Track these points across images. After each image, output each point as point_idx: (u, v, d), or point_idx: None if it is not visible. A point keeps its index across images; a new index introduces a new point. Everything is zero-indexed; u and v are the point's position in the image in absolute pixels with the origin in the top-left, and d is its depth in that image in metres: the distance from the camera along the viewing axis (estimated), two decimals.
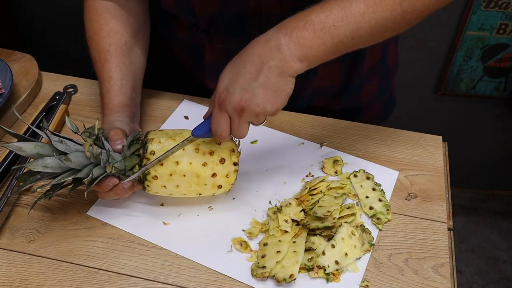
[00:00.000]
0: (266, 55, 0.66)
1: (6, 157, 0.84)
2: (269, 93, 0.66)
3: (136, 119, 0.84)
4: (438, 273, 0.73)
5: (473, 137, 1.89)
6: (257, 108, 0.66)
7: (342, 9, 0.66)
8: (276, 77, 0.66)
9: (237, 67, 0.67)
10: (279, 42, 0.65)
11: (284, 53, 0.65)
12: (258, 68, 0.66)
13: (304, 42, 0.65)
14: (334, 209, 0.76)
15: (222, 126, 0.68)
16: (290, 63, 0.66)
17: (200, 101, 0.98)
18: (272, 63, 0.65)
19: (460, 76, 1.72)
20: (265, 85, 0.66)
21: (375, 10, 0.66)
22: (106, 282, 0.71)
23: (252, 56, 0.66)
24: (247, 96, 0.65)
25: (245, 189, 0.83)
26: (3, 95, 0.92)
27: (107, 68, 0.83)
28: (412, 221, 0.80)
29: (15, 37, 1.91)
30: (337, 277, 0.72)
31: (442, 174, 0.87)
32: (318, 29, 0.65)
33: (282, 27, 0.67)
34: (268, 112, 0.67)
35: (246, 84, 0.66)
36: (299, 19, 0.66)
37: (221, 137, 0.69)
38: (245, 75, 0.66)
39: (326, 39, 0.66)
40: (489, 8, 1.54)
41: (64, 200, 0.81)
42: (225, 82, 0.67)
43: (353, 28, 0.66)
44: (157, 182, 0.73)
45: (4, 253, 0.75)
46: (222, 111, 0.67)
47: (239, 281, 0.71)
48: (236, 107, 0.66)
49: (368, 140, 0.92)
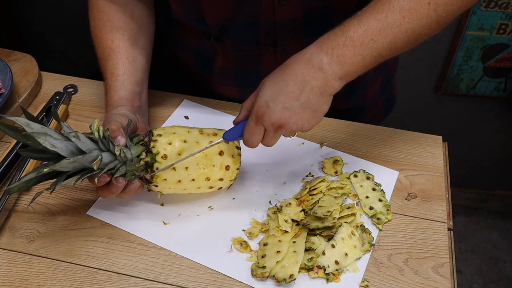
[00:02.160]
0: (309, 75, 0.67)
1: (6, 157, 0.84)
2: (308, 112, 0.68)
3: (142, 112, 0.83)
4: (438, 273, 0.73)
5: (473, 137, 1.89)
6: (294, 127, 0.68)
7: (379, 22, 0.66)
8: (317, 97, 0.67)
9: (279, 83, 0.68)
10: (321, 61, 0.66)
11: (326, 72, 0.66)
12: (301, 87, 0.67)
13: (345, 59, 0.66)
14: (334, 209, 0.76)
15: (256, 137, 0.70)
16: (331, 82, 0.67)
17: (200, 101, 0.98)
18: (315, 83, 0.67)
19: (460, 76, 1.72)
20: (306, 104, 0.67)
21: (411, 20, 0.67)
22: (106, 282, 0.71)
23: (295, 74, 0.67)
24: (287, 114, 0.67)
25: (245, 189, 0.83)
26: (3, 95, 0.92)
27: (109, 65, 0.83)
28: (412, 221, 0.80)
29: (15, 37, 1.91)
30: (337, 277, 0.72)
31: (442, 174, 0.87)
32: (357, 45, 0.66)
33: (323, 45, 0.67)
34: (304, 130, 0.69)
35: (287, 103, 0.67)
36: (338, 36, 0.67)
37: (252, 146, 0.71)
38: (287, 94, 0.67)
39: (366, 54, 0.67)
40: (489, 8, 1.54)
41: (64, 200, 0.81)
42: (266, 97, 0.68)
43: (390, 40, 0.67)
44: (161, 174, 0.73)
45: (4, 253, 0.75)
46: (259, 125, 0.69)
47: (239, 281, 0.71)
48: (275, 124, 0.68)
49: (368, 140, 0.92)
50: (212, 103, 0.98)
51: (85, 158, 0.66)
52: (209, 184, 0.75)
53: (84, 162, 0.67)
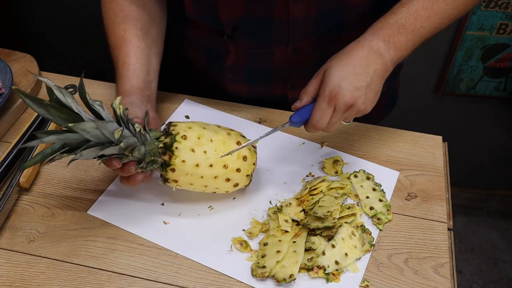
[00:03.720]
0: (372, 59, 0.73)
1: (6, 157, 0.84)
2: (372, 94, 0.74)
3: (151, 101, 0.84)
4: (438, 273, 0.73)
5: (473, 137, 1.89)
6: (362, 106, 0.73)
7: (426, 10, 0.75)
8: (379, 80, 0.74)
9: (347, 66, 0.73)
10: (380, 48, 0.74)
11: (385, 58, 0.74)
12: (367, 70, 0.73)
13: (400, 46, 0.74)
14: (334, 209, 0.76)
15: (326, 117, 0.73)
16: (389, 66, 0.75)
17: (201, 100, 0.98)
18: (377, 67, 0.73)
19: (460, 76, 1.72)
20: (371, 86, 0.73)
21: (453, 7, 0.77)
22: (106, 282, 0.71)
23: (360, 58, 0.73)
24: (358, 94, 0.72)
25: (246, 189, 0.83)
26: (3, 95, 0.92)
27: (121, 53, 0.84)
28: (412, 221, 0.80)
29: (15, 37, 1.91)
30: (337, 277, 0.72)
31: (442, 174, 0.87)
32: (409, 32, 0.74)
33: (379, 33, 0.74)
34: (367, 110, 0.75)
35: (357, 83, 0.72)
36: (392, 24, 0.75)
37: (319, 128, 0.74)
38: (356, 75, 0.72)
39: (416, 39, 0.75)
40: (489, 8, 1.54)
41: (64, 200, 0.81)
42: (336, 79, 0.72)
43: (436, 25, 0.76)
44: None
45: (4, 253, 0.75)
46: (331, 104, 0.73)
47: (239, 281, 0.71)
48: (347, 103, 0.72)
49: (368, 140, 0.92)
50: (212, 103, 0.98)
51: (107, 125, 0.67)
52: (226, 175, 0.74)
53: (106, 130, 0.66)
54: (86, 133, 0.66)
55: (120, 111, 0.69)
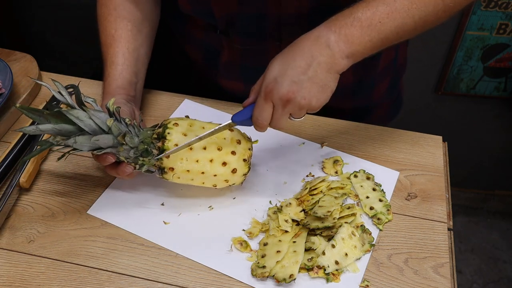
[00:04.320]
0: (317, 51, 0.68)
1: (6, 157, 0.84)
2: (316, 87, 0.68)
3: (136, 102, 0.86)
4: (438, 273, 0.73)
5: (473, 137, 1.89)
6: (303, 101, 0.68)
7: (387, 6, 0.69)
8: (324, 73, 0.68)
9: (287, 60, 0.69)
10: (329, 39, 0.68)
11: (334, 50, 0.68)
12: (308, 62, 0.68)
13: (352, 39, 0.68)
14: (334, 209, 0.76)
15: (265, 115, 0.70)
16: (338, 59, 0.69)
17: (201, 101, 0.98)
18: (322, 59, 0.68)
19: (460, 76, 1.72)
20: (313, 79, 0.68)
21: (419, 6, 0.70)
22: (106, 282, 0.71)
23: (302, 50, 0.69)
24: (295, 88, 0.68)
25: (246, 189, 0.83)
26: (3, 95, 0.92)
27: (110, 53, 0.85)
28: (412, 221, 0.80)
29: (15, 37, 1.91)
30: (337, 277, 0.72)
31: (442, 174, 0.87)
32: (365, 26, 0.69)
33: (331, 25, 0.69)
34: (312, 106, 0.69)
35: (295, 77, 0.68)
36: (346, 16, 0.70)
37: (261, 125, 0.71)
38: (295, 68, 0.68)
39: (373, 35, 0.69)
40: (489, 8, 1.54)
41: (64, 200, 0.81)
42: (274, 73, 0.69)
43: (398, 24, 0.70)
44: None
45: (4, 253, 0.75)
46: (268, 101, 0.69)
47: (239, 281, 0.71)
48: (283, 98, 0.68)
49: (368, 140, 0.92)
50: (213, 103, 0.98)
51: (100, 115, 0.69)
52: (221, 157, 0.74)
53: (98, 119, 0.69)
54: (80, 121, 0.68)
55: (113, 108, 0.72)
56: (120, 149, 0.72)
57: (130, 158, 0.73)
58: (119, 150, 0.72)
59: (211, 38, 0.94)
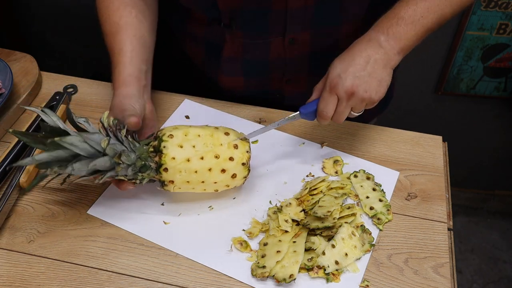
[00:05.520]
0: (372, 50, 0.77)
1: (6, 157, 0.84)
2: (375, 82, 0.76)
3: (147, 92, 0.83)
4: (438, 273, 0.73)
5: (473, 137, 1.89)
6: (365, 94, 0.76)
7: (426, 1, 0.78)
8: (381, 69, 0.77)
9: (347, 59, 0.77)
10: (379, 40, 0.77)
11: (386, 48, 0.77)
12: (366, 60, 0.76)
13: (400, 36, 0.77)
14: (334, 209, 0.76)
15: (330, 106, 0.77)
16: (391, 55, 0.78)
17: (201, 100, 0.98)
18: (378, 56, 0.77)
19: (460, 76, 1.72)
20: (372, 74, 0.76)
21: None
22: (106, 282, 0.71)
23: (360, 51, 0.77)
24: (358, 82, 0.75)
25: (246, 189, 0.83)
26: (3, 95, 0.92)
27: (117, 40, 0.83)
28: (412, 221, 0.80)
29: (15, 37, 1.91)
30: (337, 277, 0.72)
31: (442, 174, 0.87)
32: (409, 23, 0.78)
33: (379, 27, 0.79)
34: (372, 98, 0.76)
35: (357, 72, 0.76)
36: (391, 18, 0.79)
37: (326, 117, 0.78)
38: (355, 65, 0.76)
39: (418, 29, 0.78)
40: (489, 8, 1.54)
41: (64, 200, 0.81)
42: (337, 71, 0.77)
43: (438, 15, 0.79)
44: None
45: (4, 253, 0.75)
46: (333, 94, 0.76)
47: (239, 281, 0.71)
48: (348, 91, 0.75)
49: (368, 140, 0.92)
50: (213, 103, 0.98)
51: (93, 136, 0.69)
52: (220, 165, 0.74)
53: (92, 141, 0.69)
54: (74, 147, 0.68)
55: (109, 122, 0.71)
56: (118, 168, 0.70)
57: (129, 175, 0.73)
58: (117, 170, 0.71)
59: (214, 32, 0.93)
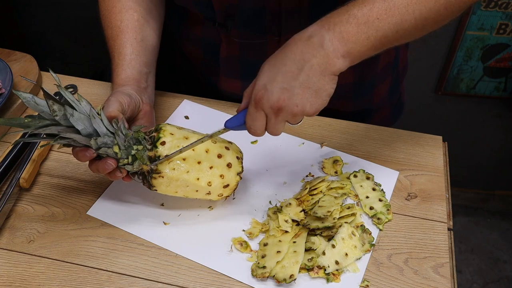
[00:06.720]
0: (309, 52, 0.64)
1: (6, 157, 0.84)
2: (309, 92, 0.65)
3: (148, 94, 0.81)
4: (438, 273, 0.73)
5: (473, 137, 1.89)
6: (295, 108, 0.65)
7: (385, 2, 0.65)
8: (317, 76, 0.64)
9: (277, 64, 0.65)
10: (322, 38, 0.64)
11: (328, 49, 0.64)
12: (299, 66, 0.64)
13: (348, 36, 0.64)
14: (334, 209, 0.76)
15: (258, 123, 0.67)
16: (333, 59, 0.64)
17: (201, 101, 0.98)
18: (315, 60, 0.64)
19: (460, 76, 1.72)
20: (306, 84, 0.64)
21: (419, 1, 0.65)
22: (106, 282, 0.71)
23: (293, 53, 0.65)
24: (286, 95, 0.64)
25: (245, 189, 0.83)
26: (3, 95, 0.92)
27: (117, 44, 0.82)
28: (412, 221, 0.80)
29: (15, 37, 1.91)
30: (337, 277, 0.72)
31: (442, 174, 0.87)
32: (361, 23, 0.64)
33: (325, 22, 0.65)
34: (306, 112, 0.66)
35: (285, 83, 0.64)
36: (341, 13, 0.65)
37: (256, 133, 0.68)
38: (285, 74, 0.64)
39: (370, 33, 0.65)
40: (489, 8, 1.54)
41: (64, 200, 0.81)
42: (263, 80, 0.66)
43: (397, 20, 0.65)
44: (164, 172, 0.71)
45: (4, 253, 0.75)
46: (259, 109, 0.66)
47: (239, 281, 0.71)
48: (274, 107, 0.65)
49: (368, 140, 0.92)
50: (212, 103, 0.98)
51: (81, 107, 0.66)
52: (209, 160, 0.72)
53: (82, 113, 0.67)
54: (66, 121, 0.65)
55: (101, 114, 0.69)
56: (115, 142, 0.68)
57: (123, 147, 0.70)
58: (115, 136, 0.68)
59: (210, 32, 0.93)
